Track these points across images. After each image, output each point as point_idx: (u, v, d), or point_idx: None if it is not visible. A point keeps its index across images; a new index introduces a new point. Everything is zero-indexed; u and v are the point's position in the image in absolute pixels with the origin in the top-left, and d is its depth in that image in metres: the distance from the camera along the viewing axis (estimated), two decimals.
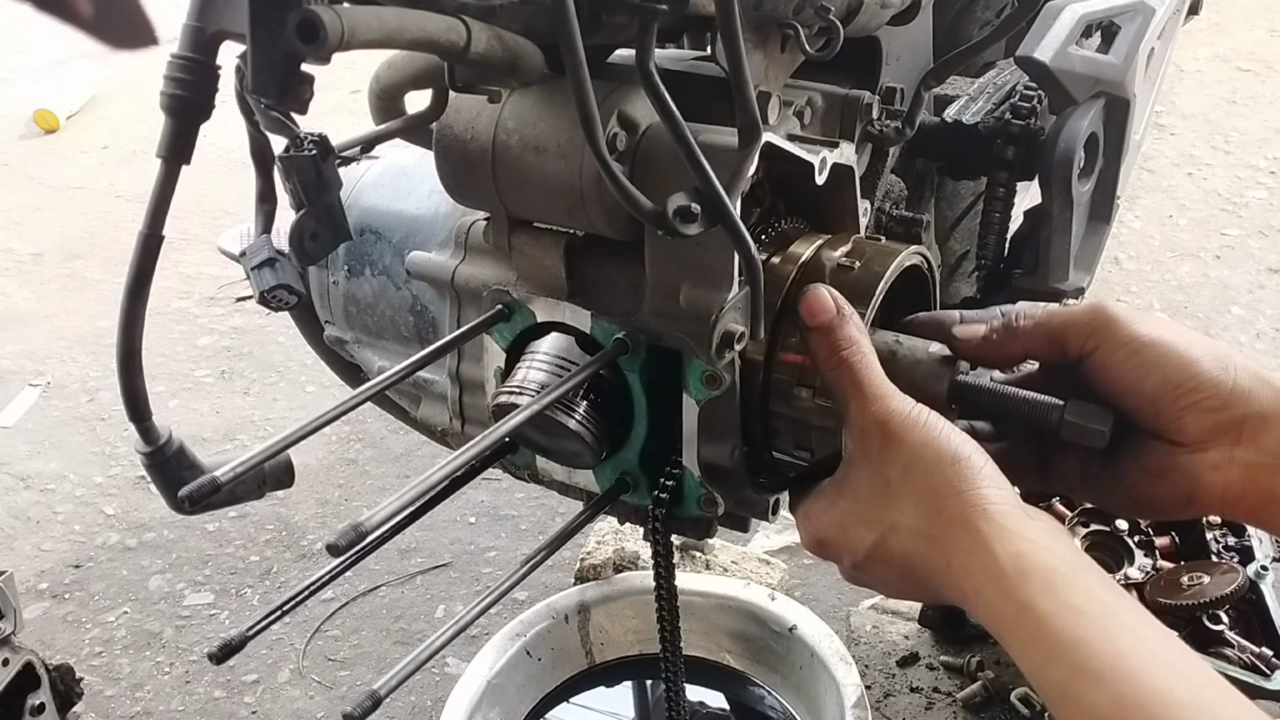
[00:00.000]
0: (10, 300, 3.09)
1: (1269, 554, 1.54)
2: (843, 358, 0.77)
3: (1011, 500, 0.70)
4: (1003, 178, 1.21)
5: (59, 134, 4.10)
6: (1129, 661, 0.61)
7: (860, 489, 0.76)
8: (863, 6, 0.91)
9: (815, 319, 0.78)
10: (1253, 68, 3.78)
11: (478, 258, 0.92)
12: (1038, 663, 0.64)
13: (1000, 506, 0.69)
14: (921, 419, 0.74)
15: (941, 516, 0.71)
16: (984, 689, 1.64)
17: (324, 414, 0.74)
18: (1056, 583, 0.65)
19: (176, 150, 0.82)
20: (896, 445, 0.73)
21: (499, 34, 0.69)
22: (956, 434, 0.74)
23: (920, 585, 0.75)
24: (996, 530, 0.68)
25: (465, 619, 0.75)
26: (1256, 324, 2.60)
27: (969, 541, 0.69)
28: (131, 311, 0.87)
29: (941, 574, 0.71)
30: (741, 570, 1.83)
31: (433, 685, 1.82)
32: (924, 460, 0.72)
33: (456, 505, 2.16)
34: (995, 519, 0.69)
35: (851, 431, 0.76)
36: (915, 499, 0.72)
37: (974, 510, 0.69)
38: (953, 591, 0.71)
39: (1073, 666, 0.62)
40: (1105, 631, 0.62)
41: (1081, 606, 0.64)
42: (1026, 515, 0.70)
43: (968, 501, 0.70)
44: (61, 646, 1.95)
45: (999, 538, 0.68)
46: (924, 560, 0.72)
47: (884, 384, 0.76)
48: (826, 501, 0.79)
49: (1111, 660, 0.61)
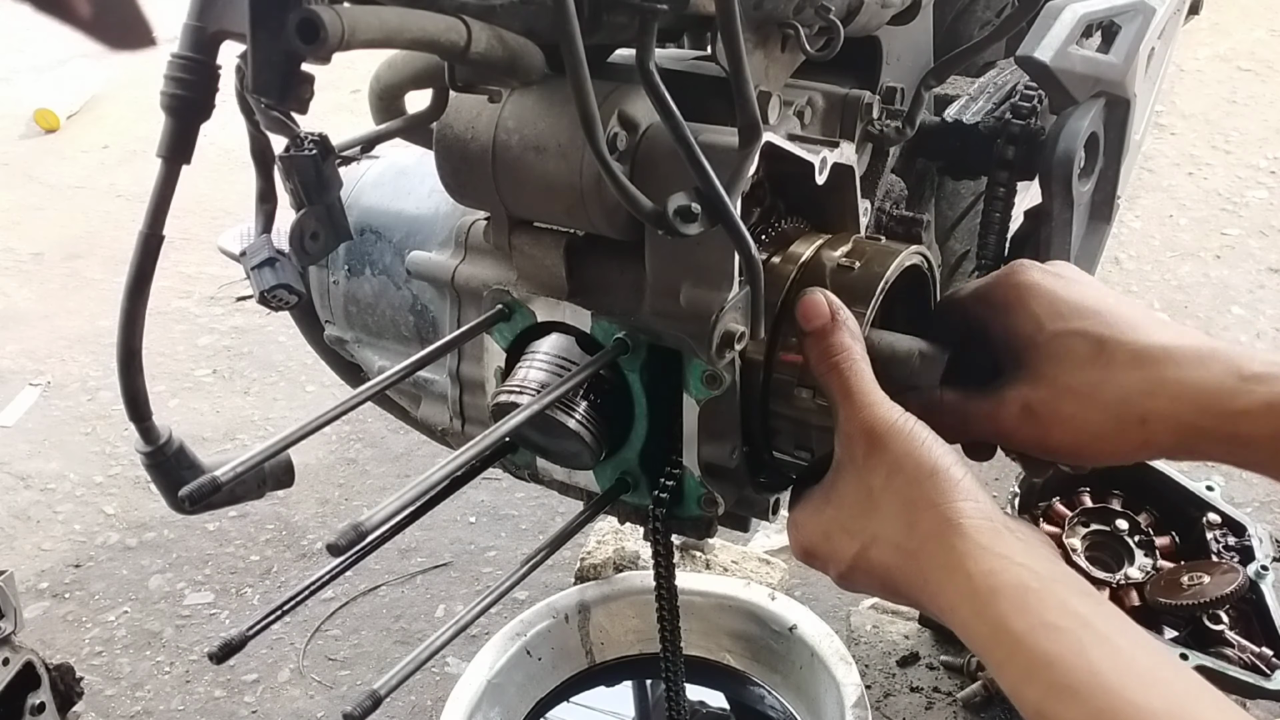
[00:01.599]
0: (10, 300, 3.09)
1: (1269, 554, 1.54)
2: (834, 363, 0.77)
3: (987, 513, 0.70)
4: (1003, 177, 1.21)
5: (59, 133, 4.10)
6: (1103, 675, 0.61)
7: (845, 496, 0.76)
8: (863, 6, 0.91)
9: (810, 324, 0.78)
10: (1253, 67, 3.78)
11: (478, 257, 0.92)
12: (1014, 681, 0.64)
13: (975, 521, 0.69)
14: (906, 428, 0.73)
15: (918, 530, 0.71)
16: (984, 689, 1.64)
17: (324, 414, 0.74)
18: (1029, 599, 0.65)
19: (177, 150, 0.82)
20: (880, 453, 0.73)
21: (499, 34, 0.69)
22: (939, 445, 0.73)
23: (901, 597, 0.75)
24: (970, 547, 0.68)
25: (465, 619, 0.75)
26: (1257, 324, 2.59)
27: (943, 558, 0.69)
28: (132, 311, 0.87)
29: (919, 589, 0.71)
30: (742, 570, 1.83)
31: (433, 685, 1.82)
32: (904, 470, 0.72)
33: (457, 505, 2.16)
34: (969, 534, 0.68)
35: (840, 438, 0.77)
36: (895, 509, 0.72)
37: (948, 525, 0.69)
38: (930, 606, 0.71)
39: (1048, 685, 0.62)
40: (1079, 646, 0.62)
41: (1055, 622, 0.63)
42: (1002, 529, 0.69)
43: (943, 515, 0.69)
44: (62, 646, 1.95)
45: (971, 555, 0.67)
46: (901, 574, 0.72)
47: (872, 391, 0.76)
48: (813, 509, 0.79)
49: (1086, 676, 0.61)
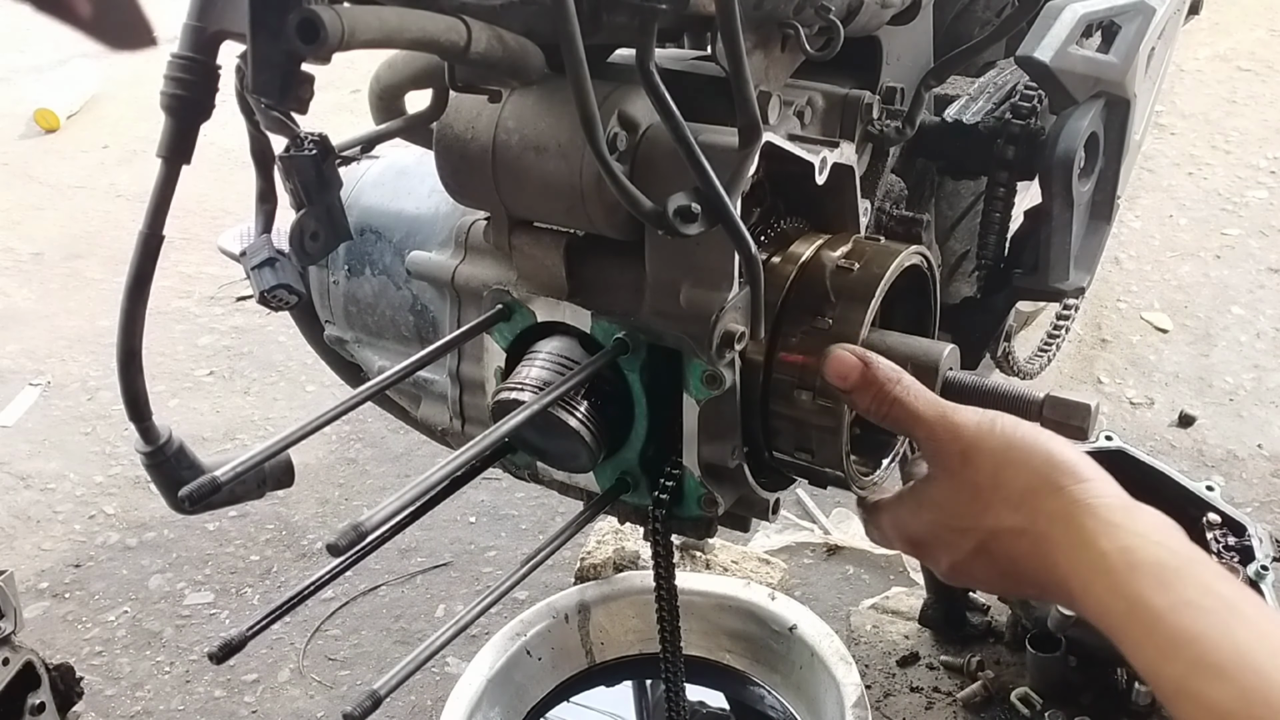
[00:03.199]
0: (10, 300, 3.09)
1: (1269, 554, 1.54)
2: (889, 399, 0.76)
3: (1114, 493, 0.70)
4: (1003, 177, 1.21)
5: (59, 133, 4.10)
6: (1253, 656, 0.59)
7: (946, 501, 0.76)
8: (863, 6, 0.91)
9: (847, 381, 0.78)
10: (1253, 67, 3.77)
11: (478, 257, 0.92)
12: (1152, 659, 0.63)
13: (1104, 500, 0.69)
14: (995, 426, 0.74)
15: (1042, 515, 0.70)
16: (984, 689, 1.64)
17: (324, 413, 0.74)
18: (1169, 577, 0.64)
19: (177, 150, 0.82)
20: (978, 455, 0.73)
21: (499, 34, 0.69)
22: (1038, 430, 0.74)
23: (1026, 583, 0.74)
24: (1102, 525, 0.67)
25: (465, 618, 0.75)
26: (1257, 324, 2.59)
27: (1074, 538, 0.68)
28: (132, 311, 0.87)
29: (1048, 572, 0.70)
30: (741, 570, 1.83)
31: (433, 685, 1.82)
32: (1012, 463, 0.72)
33: (457, 505, 2.16)
34: (1100, 514, 0.68)
35: (926, 455, 0.77)
36: (1012, 502, 0.72)
37: (1077, 506, 0.69)
38: (1058, 590, 0.70)
39: (1191, 662, 0.61)
40: (1225, 626, 0.61)
41: (1198, 601, 0.62)
42: (1133, 508, 0.69)
43: (1070, 497, 0.69)
44: (62, 646, 1.95)
45: (1105, 533, 0.67)
46: (1028, 560, 0.72)
47: (937, 404, 0.76)
48: (909, 513, 0.79)
49: (1232, 655, 0.60)
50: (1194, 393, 2.36)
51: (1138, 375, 2.44)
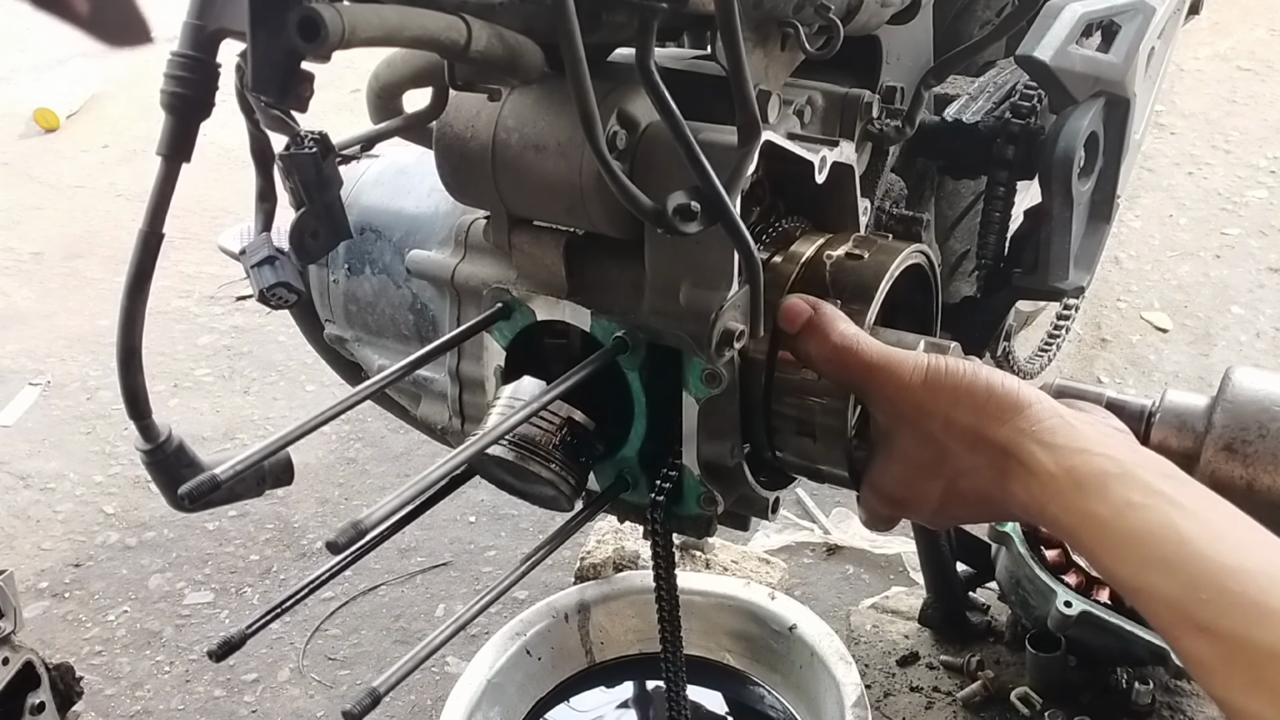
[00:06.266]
0: (10, 299, 3.09)
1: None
2: (836, 345, 0.77)
3: (1056, 411, 0.72)
4: (1003, 177, 1.21)
5: (59, 133, 4.10)
6: (1193, 544, 0.62)
7: (909, 450, 0.78)
8: (863, 5, 0.91)
9: (796, 322, 0.79)
10: (1253, 67, 3.78)
11: (478, 256, 0.92)
12: (1109, 564, 0.66)
13: (1045, 424, 0.71)
14: (941, 367, 0.75)
15: (995, 449, 0.73)
16: (984, 688, 1.64)
17: (324, 412, 0.74)
18: (1111, 484, 0.67)
19: (176, 148, 0.82)
20: (929, 401, 0.75)
21: (499, 32, 0.69)
22: (978, 366, 0.76)
23: (999, 512, 0.77)
24: (1045, 450, 0.70)
25: (465, 617, 0.75)
26: (1256, 323, 2.60)
27: (1024, 466, 0.71)
28: (131, 310, 0.86)
29: (1011, 500, 0.73)
30: (741, 569, 1.83)
31: (432, 684, 1.82)
32: (960, 403, 0.74)
33: (456, 504, 2.16)
34: (1043, 438, 0.71)
35: (880, 406, 0.78)
36: (967, 442, 0.74)
37: (1022, 435, 0.71)
38: (1025, 514, 0.73)
39: (1140, 560, 0.64)
40: (1165, 520, 0.64)
41: (1140, 501, 0.65)
42: (1075, 424, 0.71)
43: (1014, 428, 0.72)
44: (61, 645, 1.95)
45: (1049, 457, 0.70)
46: (995, 492, 0.74)
47: (888, 352, 0.77)
48: (880, 470, 0.81)
49: (1175, 547, 0.63)
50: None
51: (1138, 375, 2.45)
